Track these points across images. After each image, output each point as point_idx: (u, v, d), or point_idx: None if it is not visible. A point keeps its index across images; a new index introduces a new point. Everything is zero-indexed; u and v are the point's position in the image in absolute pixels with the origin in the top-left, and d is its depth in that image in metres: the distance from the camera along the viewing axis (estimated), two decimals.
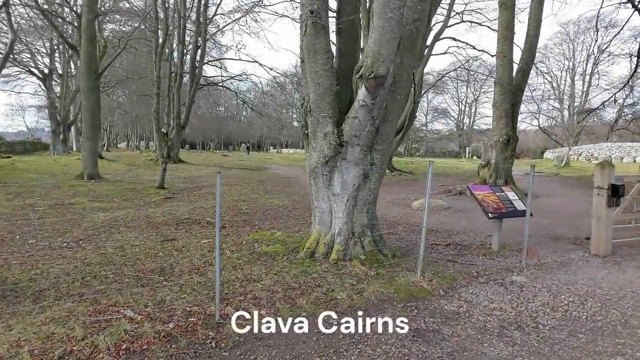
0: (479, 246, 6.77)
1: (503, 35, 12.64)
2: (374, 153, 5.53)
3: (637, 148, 35.47)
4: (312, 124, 5.50)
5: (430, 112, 66.00)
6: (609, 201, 5.88)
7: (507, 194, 6.54)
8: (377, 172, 5.61)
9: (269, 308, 4.03)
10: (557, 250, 6.55)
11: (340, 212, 5.58)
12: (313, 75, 5.27)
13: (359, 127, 5.18)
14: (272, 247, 6.19)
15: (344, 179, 5.50)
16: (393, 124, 5.59)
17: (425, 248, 6.64)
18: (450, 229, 8.23)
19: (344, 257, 5.45)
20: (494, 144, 12.95)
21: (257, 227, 8.23)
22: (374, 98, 4.95)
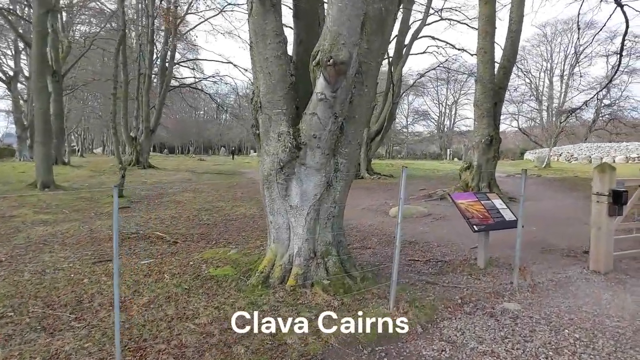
0: (462, 262, 5.93)
1: (484, 30, 11.95)
2: (338, 157, 4.63)
3: (615, 148, 35.62)
4: (264, 122, 4.57)
5: (411, 114, 65.83)
6: (610, 209, 5.11)
7: (493, 202, 5.73)
8: (342, 180, 4.70)
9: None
10: (552, 266, 5.75)
11: (300, 228, 4.66)
12: (262, 64, 4.35)
13: (319, 126, 4.27)
14: (221, 269, 5.21)
15: (304, 188, 4.58)
16: (361, 122, 4.70)
17: (402, 266, 5.79)
18: (431, 240, 7.39)
19: (304, 283, 4.53)
20: (475, 145, 12.23)
21: (215, 241, 7.25)
22: (335, 90, 4.05)
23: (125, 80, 22.91)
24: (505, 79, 12.55)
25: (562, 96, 49.52)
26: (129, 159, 23.40)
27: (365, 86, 4.57)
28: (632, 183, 5.80)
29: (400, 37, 19.76)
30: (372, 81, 4.64)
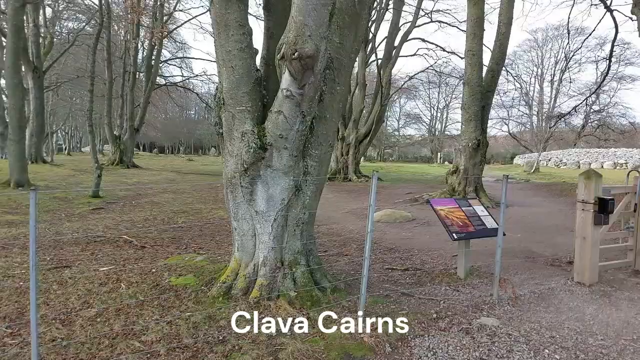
0: (442, 271, 5.64)
1: (472, 32, 11.73)
2: (308, 159, 4.31)
3: (603, 154, 35.79)
4: (227, 120, 4.24)
5: (403, 117, 65.84)
6: (595, 218, 4.85)
7: (475, 209, 5.44)
8: (313, 184, 4.38)
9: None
10: (535, 276, 5.48)
11: (266, 236, 4.32)
12: (225, 57, 4.02)
13: (285, 126, 3.95)
14: (183, 278, 4.86)
15: (270, 192, 4.24)
16: (332, 122, 4.39)
17: (379, 275, 5.48)
18: (412, 247, 7.10)
19: (269, 295, 4.19)
20: (462, 149, 11.99)
21: (185, 246, 6.89)
22: (302, 86, 3.73)
23: (109, 78, 22.40)
24: (493, 82, 12.34)
25: (552, 101, 49.77)
26: (112, 158, 22.89)
27: (338, 83, 4.25)
28: (619, 190, 5.56)
29: (389, 38, 19.55)
30: (344, 78, 4.33)
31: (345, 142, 19.62)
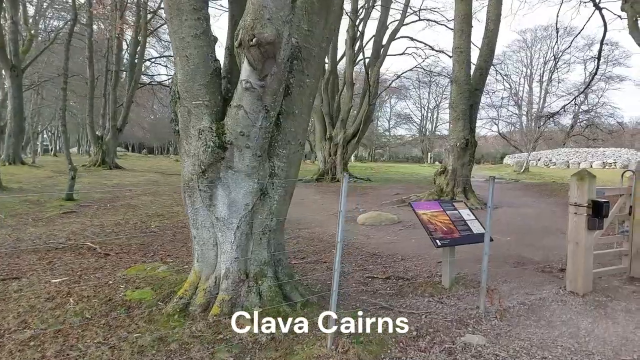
0: (426, 280, 5.24)
1: (460, 29, 11.39)
2: (274, 160, 3.88)
3: (592, 154, 35.84)
4: (183, 116, 3.79)
5: (394, 117, 65.67)
6: (589, 223, 4.48)
7: (460, 213, 5.06)
8: (281, 187, 3.96)
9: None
10: (525, 284, 5.11)
11: (228, 245, 3.89)
12: (178, 45, 3.58)
13: (247, 122, 3.52)
14: (139, 292, 4.40)
15: (232, 197, 3.81)
16: (302, 119, 3.97)
17: (357, 285, 5.07)
18: (396, 252, 6.70)
19: (231, 311, 3.76)
20: (450, 148, 11.64)
21: (153, 254, 6.42)
22: (263, 77, 3.31)
23: (90, 77, 21.76)
24: (481, 80, 12.02)
25: (542, 102, 49.89)
26: (94, 159, 22.25)
27: (307, 75, 3.84)
28: (613, 192, 5.21)
29: (377, 37, 19.18)
30: (315, 70, 3.91)
31: (333, 142, 19.21)
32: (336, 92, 19.83)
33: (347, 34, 19.15)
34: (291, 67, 3.72)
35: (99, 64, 24.80)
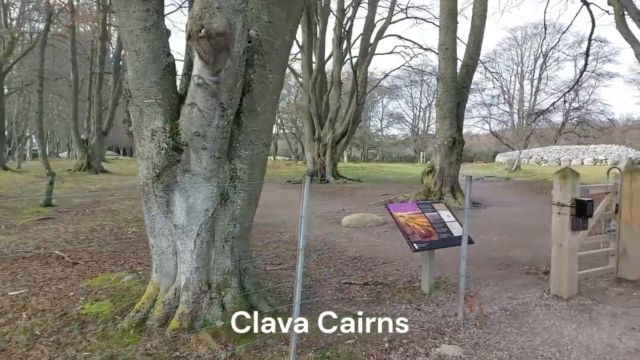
0: (406, 285, 5.01)
1: (445, 25, 11.19)
2: (236, 162, 3.63)
3: (584, 150, 35.89)
4: (135, 116, 3.53)
5: (386, 117, 65.56)
6: (573, 223, 4.27)
7: (440, 214, 4.83)
8: (244, 191, 3.70)
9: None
10: (508, 287, 4.89)
11: (188, 254, 3.63)
12: (127, 38, 3.32)
13: (201, 121, 3.26)
14: (98, 305, 4.13)
15: (190, 202, 3.55)
16: (266, 117, 3.72)
17: (333, 292, 4.83)
18: (378, 255, 6.46)
19: (192, 325, 3.50)
20: (437, 147, 11.44)
21: (124, 262, 6.14)
22: (216, 72, 3.05)
23: (74, 80, 21.36)
24: (468, 77, 11.82)
25: (533, 99, 50.01)
26: (80, 164, 21.85)
27: (270, 71, 3.59)
28: (598, 190, 5.01)
29: (365, 35, 18.97)
30: (278, 65, 3.66)
31: (321, 143, 18.97)
32: (324, 91, 19.59)
33: (334, 33, 18.93)
34: (251, 61, 3.47)
35: (84, 66, 24.40)
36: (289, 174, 25.24)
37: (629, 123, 47.80)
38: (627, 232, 4.95)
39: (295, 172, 24.98)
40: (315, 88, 18.89)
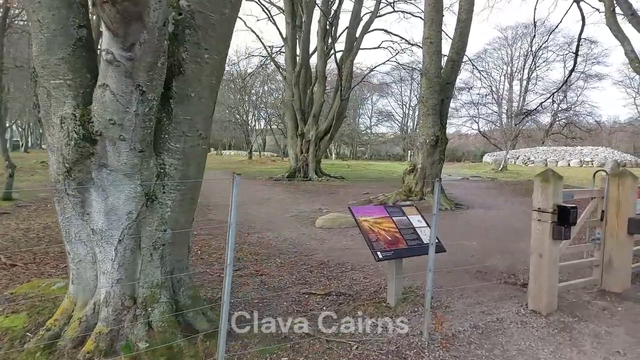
0: (371, 296, 4.53)
1: (430, 18, 10.73)
2: (164, 156, 3.10)
3: (570, 152, 35.89)
4: (42, 100, 2.98)
5: (375, 114, 65.24)
6: (554, 231, 3.83)
7: (409, 219, 4.35)
8: (175, 191, 3.17)
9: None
10: (483, 300, 4.43)
11: (108, 263, 3.09)
12: (28, 5, 2.77)
13: (116, 106, 2.73)
14: (12, 318, 3.57)
15: (110, 203, 3.02)
16: (203, 104, 3.19)
17: (289, 304, 4.33)
18: (347, 260, 5.98)
19: (111, 347, 2.98)
20: (419, 146, 11.00)
21: (66, 265, 5.56)
22: (129, 47, 2.52)
23: None
24: (453, 73, 11.39)
25: (522, 100, 50.04)
26: None
27: (206, 49, 3.06)
28: (583, 195, 4.58)
29: (350, 29, 18.44)
30: (217, 43, 3.14)
31: (305, 139, 18.43)
32: (308, 86, 19.04)
33: (319, 25, 18.38)
34: (182, 37, 2.95)
35: None
36: (273, 170, 24.70)
37: (616, 125, 48.11)
38: (612, 241, 4.53)
39: (280, 169, 24.42)
40: (298, 82, 18.34)
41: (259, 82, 43.53)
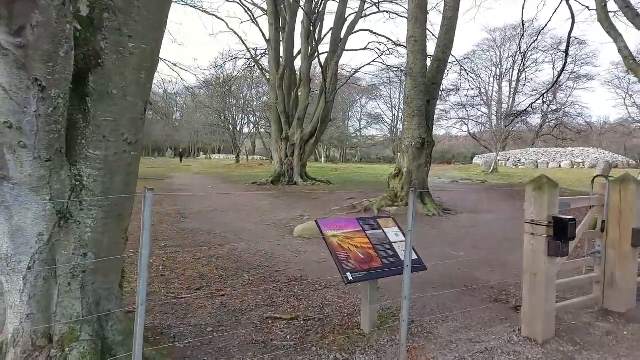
0: (344, 320, 4.00)
1: (414, 16, 10.29)
2: (81, 165, 2.56)
3: (561, 153, 35.80)
4: None
5: (365, 117, 64.97)
6: (550, 247, 3.34)
7: (386, 233, 3.84)
8: (97, 208, 2.63)
9: None
10: (470, 324, 3.93)
11: (16, 295, 2.55)
12: None
13: (10, 106, 2.20)
14: None
15: (15, 223, 2.47)
16: (129, 103, 2.66)
17: (248, 333, 3.79)
18: (322, 275, 5.45)
19: None
20: (405, 149, 10.53)
21: None
22: (18, 32, 1.99)
23: None
24: (439, 73, 10.96)
25: (511, 101, 50.06)
26: None
27: (129, 37, 2.53)
28: (581, 203, 4.11)
29: (335, 30, 17.98)
30: (144, 29, 2.61)
31: (289, 142, 17.90)
32: (293, 88, 18.52)
33: (302, 26, 17.90)
34: (99, 22, 2.42)
35: None
36: (258, 174, 24.13)
37: (606, 126, 48.28)
38: (615, 254, 4.07)
39: (266, 173, 23.85)
40: (282, 85, 17.82)
41: (246, 85, 43.00)
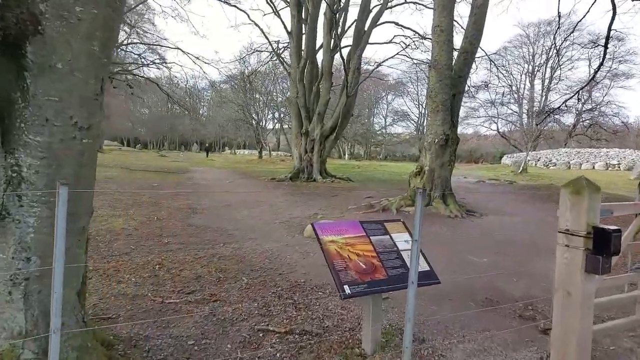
0: (344, 336, 3.52)
1: (440, 4, 9.63)
2: (20, 154, 2.17)
3: (595, 154, 34.02)
4: None
5: (390, 114, 63.91)
6: (589, 262, 2.75)
7: (393, 239, 3.33)
8: (40, 204, 2.24)
9: None
10: (489, 346, 3.39)
11: None
12: None
13: None
14: None
15: None
16: (76, 78, 2.24)
17: (233, 348, 3.36)
18: (327, 282, 4.97)
19: None
20: (427, 145, 9.90)
21: None
22: None
23: None
24: (466, 65, 10.26)
25: (543, 99, 48.08)
26: None
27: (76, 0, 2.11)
28: (625, 210, 3.48)
29: (359, 22, 17.39)
30: None
31: (309, 138, 17.45)
32: (314, 82, 18.05)
33: (325, 18, 17.37)
34: None
35: None
36: (279, 170, 23.82)
37: None
38: None
39: (287, 169, 23.52)
40: (303, 78, 17.37)
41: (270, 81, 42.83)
